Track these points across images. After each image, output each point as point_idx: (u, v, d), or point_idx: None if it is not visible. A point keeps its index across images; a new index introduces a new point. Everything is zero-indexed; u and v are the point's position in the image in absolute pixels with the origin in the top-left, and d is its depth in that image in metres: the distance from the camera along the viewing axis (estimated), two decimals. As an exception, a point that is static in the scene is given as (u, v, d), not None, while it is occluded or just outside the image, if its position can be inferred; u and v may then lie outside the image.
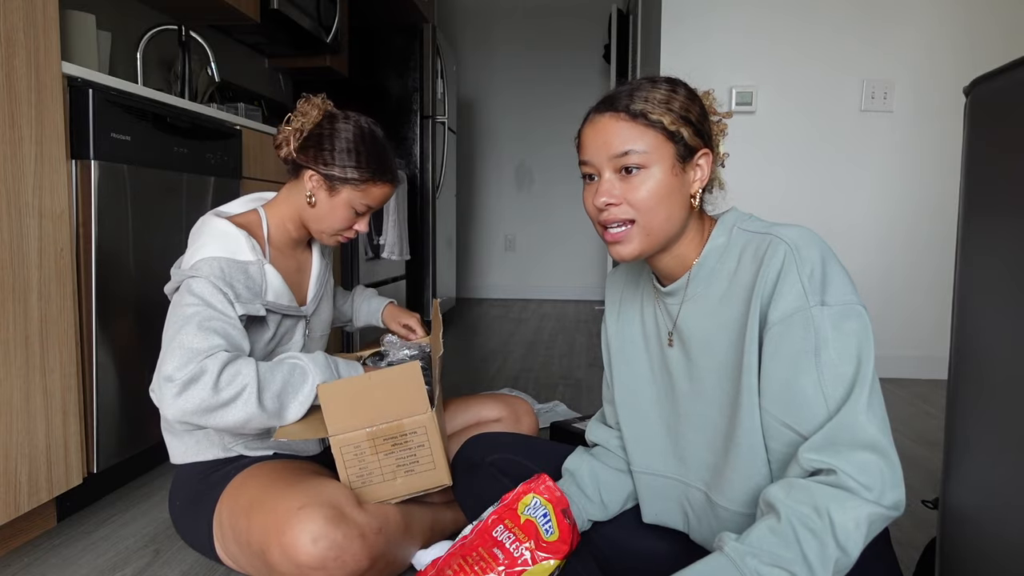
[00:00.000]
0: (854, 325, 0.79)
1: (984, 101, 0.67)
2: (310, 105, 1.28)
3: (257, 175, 2.09)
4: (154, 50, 2.42)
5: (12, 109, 1.21)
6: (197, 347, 1.06)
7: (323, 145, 1.25)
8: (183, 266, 1.17)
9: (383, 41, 3.61)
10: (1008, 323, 0.62)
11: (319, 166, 1.25)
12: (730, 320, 0.88)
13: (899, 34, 2.69)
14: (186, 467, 1.24)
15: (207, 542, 1.18)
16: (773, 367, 0.81)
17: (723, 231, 0.92)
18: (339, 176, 1.25)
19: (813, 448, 0.76)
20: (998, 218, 0.64)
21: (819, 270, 0.80)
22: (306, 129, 1.27)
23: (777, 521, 0.74)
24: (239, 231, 1.20)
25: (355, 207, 1.28)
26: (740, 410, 0.85)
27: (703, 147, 0.89)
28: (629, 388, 1.03)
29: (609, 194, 0.87)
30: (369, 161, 1.26)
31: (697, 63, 2.74)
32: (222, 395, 1.05)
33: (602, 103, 0.90)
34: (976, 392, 0.69)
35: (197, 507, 1.19)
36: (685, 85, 0.91)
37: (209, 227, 1.20)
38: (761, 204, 2.74)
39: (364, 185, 1.27)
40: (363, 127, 1.29)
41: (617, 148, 0.86)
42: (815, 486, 0.74)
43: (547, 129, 5.22)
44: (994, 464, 0.65)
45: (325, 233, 1.31)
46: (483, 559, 0.93)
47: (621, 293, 1.07)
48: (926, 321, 2.76)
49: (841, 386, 0.77)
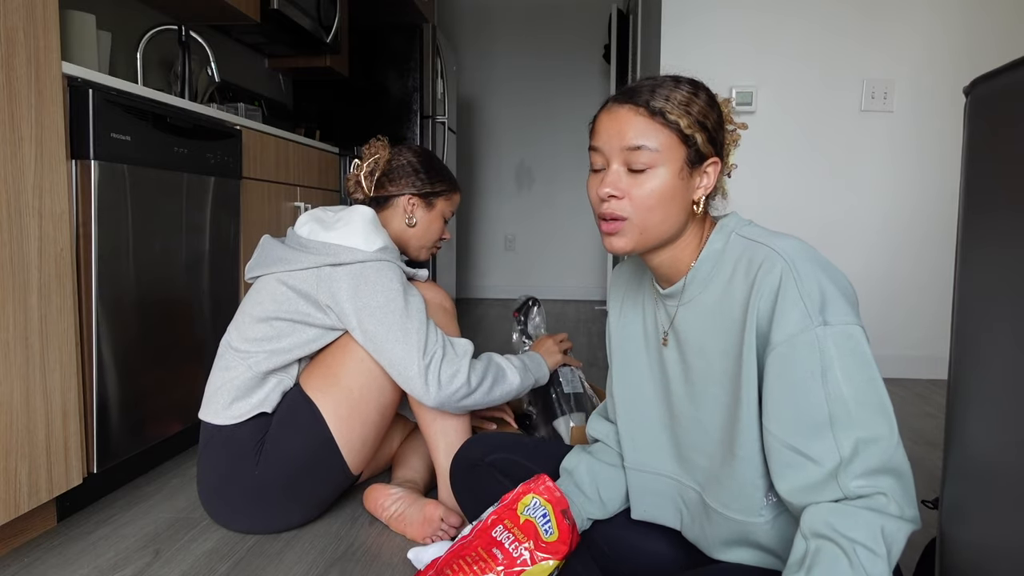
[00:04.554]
0: (856, 344, 0.78)
1: (984, 101, 0.67)
2: (378, 146, 1.49)
3: (257, 175, 2.09)
4: (154, 50, 2.42)
5: (12, 109, 1.21)
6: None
7: (410, 172, 1.47)
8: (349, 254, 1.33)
9: (383, 41, 3.61)
10: (1008, 323, 0.62)
11: (414, 189, 1.47)
12: (724, 329, 0.87)
13: (899, 34, 2.69)
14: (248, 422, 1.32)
15: (322, 431, 1.31)
16: (778, 389, 0.80)
17: (721, 236, 0.91)
18: (433, 191, 1.49)
19: (851, 475, 0.76)
20: (998, 218, 0.64)
21: (817, 288, 0.80)
22: (381, 166, 1.46)
23: (840, 552, 0.74)
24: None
25: (444, 216, 1.53)
26: (739, 423, 0.85)
27: (714, 155, 0.89)
28: (628, 384, 1.03)
29: (614, 185, 0.87)
30: (446, 174, 1.52)
31: (697, 63, 2.73)
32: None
33: (623, 93, 0.89)
34: (976, 392, 0.69)
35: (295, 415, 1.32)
36: (707, 90, 0.91)
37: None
38: (761, 204, 2.75)
39: (451, 194, 1.52)
40: (427, 151, 1.54)
41: (630, 141, 0.85)
42: (868, 514, 0.75)
43: (547, 129, 5.22)
44: (994, 464, 0.65)
45: (425, 248, 1.53)
46: (482, 559, 0.93)
47: (624, 290, 1.07)
48: (926, 321, 2.76)
49: (850, 407, 0.77)
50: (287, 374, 1.35)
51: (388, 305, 1.28)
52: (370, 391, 1.34)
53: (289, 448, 1.30)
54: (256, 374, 1.31)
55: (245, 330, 1.34)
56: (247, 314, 1.35)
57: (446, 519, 1.32)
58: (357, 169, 1.47)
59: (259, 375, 1.32)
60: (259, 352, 1.32)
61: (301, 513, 1.38)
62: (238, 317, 1.37)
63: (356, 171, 1.47)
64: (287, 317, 1.32)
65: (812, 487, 0.78)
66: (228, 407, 1.31)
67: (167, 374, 1.66)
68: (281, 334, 1.32)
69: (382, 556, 1.31)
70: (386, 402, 1.37)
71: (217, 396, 1.32)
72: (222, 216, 1.88)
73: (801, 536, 0.78)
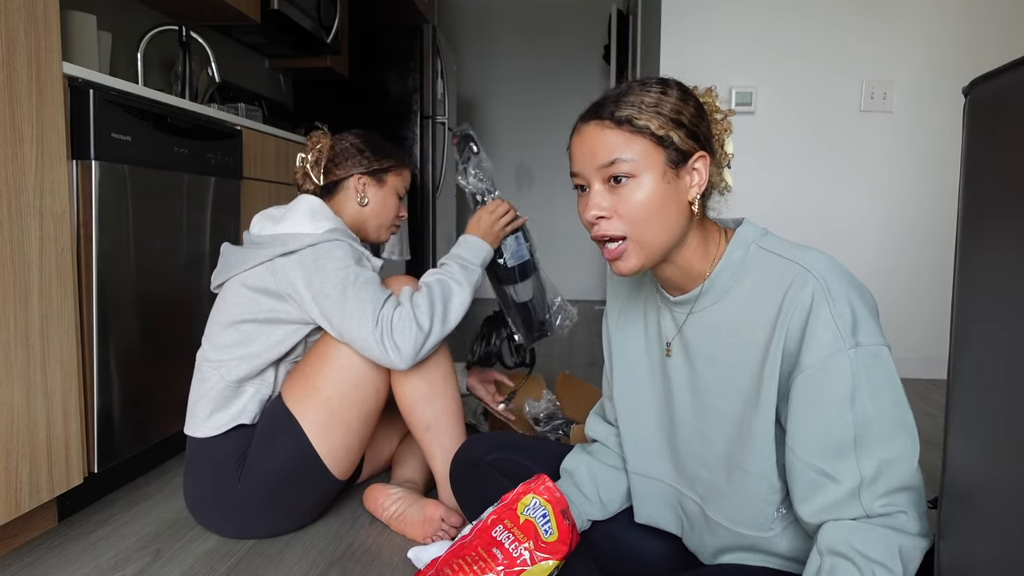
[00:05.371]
0: (884, 364, 0.78)
1: (984, 101, 0.67)
2: (318, 135, 1.46)
3: (257, 175, 2.09)
4: (154, 50, 2.42)
5: (13, 109, 1.22)
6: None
7: (355, 152, 1.45)
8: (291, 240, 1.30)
9: (383, 41, 3.61)
10: (1008, 323, 0.62)
11: (361, 168, 1.45)
12: (742, 343, 0.85)
13: (899, 34, 2.69)
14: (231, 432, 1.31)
15: (300, 439, 1.29)
16: (805, 411, 0.79)
17: (740, 246, 0.87)
18: (382, 168, 1.47)
19: (875, 494, 0.76)
20: (998, 218, 0.64)
21: (848, 308, 0.78)
22: (325, 154, 1.44)
23: (856, 570, 0.74)
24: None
25: (398, 191, 1.50)
26: (752, 440, 0.83)
27: (698, 150, 0.85)
28: (628, 389, 1.02)
29: (599, 207, 0.84)
30: (392, 151, 1.50)
31: (697, 63, 2.74)
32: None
33: (588, 111, 0.87)
34: (975, 392, 0.69)
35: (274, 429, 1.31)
36: (679, 85, 0.87)
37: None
38: (761, 204, 2.75)
39: (400, 169, 1.50)
40: (369, 132, 1.51)
41: (603, 158, 0.82)
42: (886, 532, 0.75)
43: (547, 129, 5.22)
44: (994, 464, 0.65)
45: (384, 226, 1.50)
46: (482, 559, 0.93)
47: (624, 292, 1.05)
48: (926, 321, 2.76)
49: (875, 428, 0.77)
50: (263, 382, 1.33)
51: (339, 285, 1.25)
52: (350, 399, 1.30)
53: (270, 462, 1.29)
54: (229, 383, 1.30)
55: (215, 338, 1.33)
56: (215, 322, 1.34)
57: (446, 519, 1.32)
58: (303, 162, 1.44)
59: (233, 384, 1.30)
60: (230, 360, 1.30)
61: (290, 521, 1.37)
62: (208, 327, 1.36)
63: (302, 164, 1.44)
64: (252, 318, 1.31)
65: (833, 506, 0.78)
66: (207, 419, 1.30)
67: (168, 373, 1.66)
68: (250, 338, 1.31)
69: (382, 556, 1.31)
70: (369, 409, 1.34)
71: (196, 409, 1.32)
72: (222, 216, 1.88)
73: (817, 552, 0.78)
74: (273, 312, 1.31)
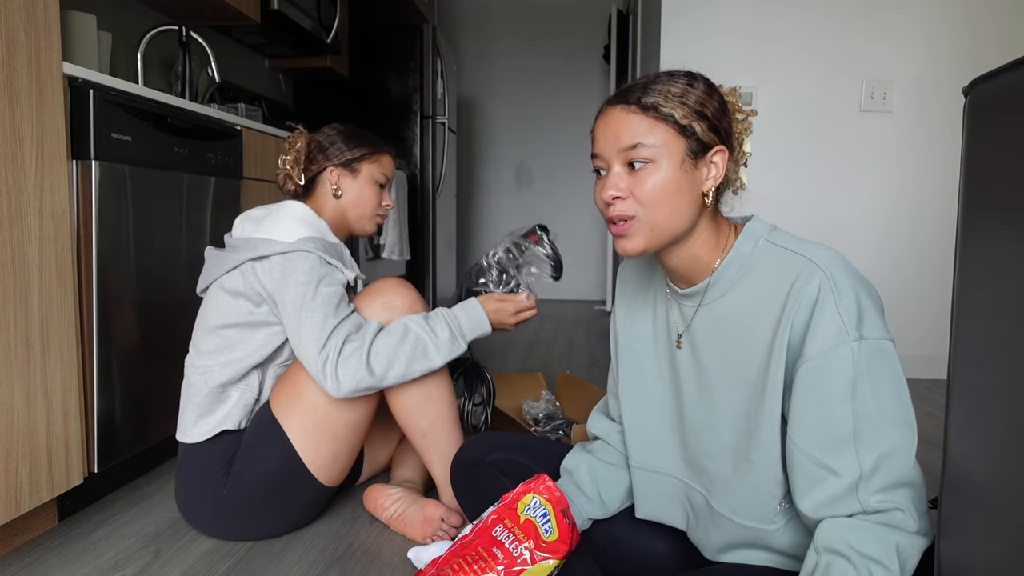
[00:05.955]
0: (888, 358, 0.78)
1: (984, 101, 0.67)
2: (296, 135, 1.46)
3: (257, 175, 2.09)
4: (154, 50, 2.42)
5: (13, 109, 1.22)
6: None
7: (327, 146, 1.44)
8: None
9: (383, 41, 3.61)
10: (1007, 323, 0.62)
11: (333, 161, 1.43)
12: (750, 335, 0.85)
13: (899, 34, 2.69)
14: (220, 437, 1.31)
15: (286, 447, 1.29)
16: (807, 402, 0.80)
17: (749, 240, 0.89)
18: (353, 158, 1.44)
19: (871, 490, 0.76)
20: (998, 218, 0.64)
21: (854, 301, 0.78)
22: (302, 152, 1.44)
23: (852, 568, 0.74)
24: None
25: (376, 180, 1.46)
26: (759, 430, 0.84)
27: (718, 143, 0.86)
28: (635, 384, 1.02)
29: (616, 187, 0.85)
30: (365, 138, 1.47)
31: (697, 63, 2.70)
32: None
33: (616, 95, 0.88)
34: (976, 392, 0.69)
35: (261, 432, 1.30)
36: (705, 80, 0.90)
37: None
38: (761, 204, 2.74)
39: (375, 155, 1.46)
40: (347, 124, 1.50)
41: (626, 141, 0.84)
42: (883, 529, 0.75)
43: (547, 129, 5.22)
44: (994, 464, 0.65)
45: (365, 217, 1.47)
46: (482, 558, 0.93)
47: (633, 287, 1.05)
48: (926, 321, 2.76)
49: (875, 422, 0.77)
50: (247, 387, 1.33)
51: (296, 300, 1.24)
52: (336, 406, 1.29)
53: (256, 468, 1.28)
54: (213, 388, 1.30)
55: (199, 343, 1.33)
56: (199, 327, 1.34)
57: (447, 519, 1.32)
58: (284, 164, 1.44)
59: (217, 389, 1.30)
60: (213, 365, 1.30)
61: (280, 526, 1.37)
62: (194, 332, 1.36)
63: (284, 167, 1.44)
64: (233, 323, 1.30)
65: (832, 500, 0.78)
66: (195, 425, 1.30)
67: (168, 373, 1.66)
68: (231, 344, 1.31)
69: (382, 556, 1.31)
70: (357, 416, 1.32)
71: (184, 414, 1.32)
72: (222, 216, 1.88)
73: (814, 550, 0.78)
74: (252, 315, 1.30)
